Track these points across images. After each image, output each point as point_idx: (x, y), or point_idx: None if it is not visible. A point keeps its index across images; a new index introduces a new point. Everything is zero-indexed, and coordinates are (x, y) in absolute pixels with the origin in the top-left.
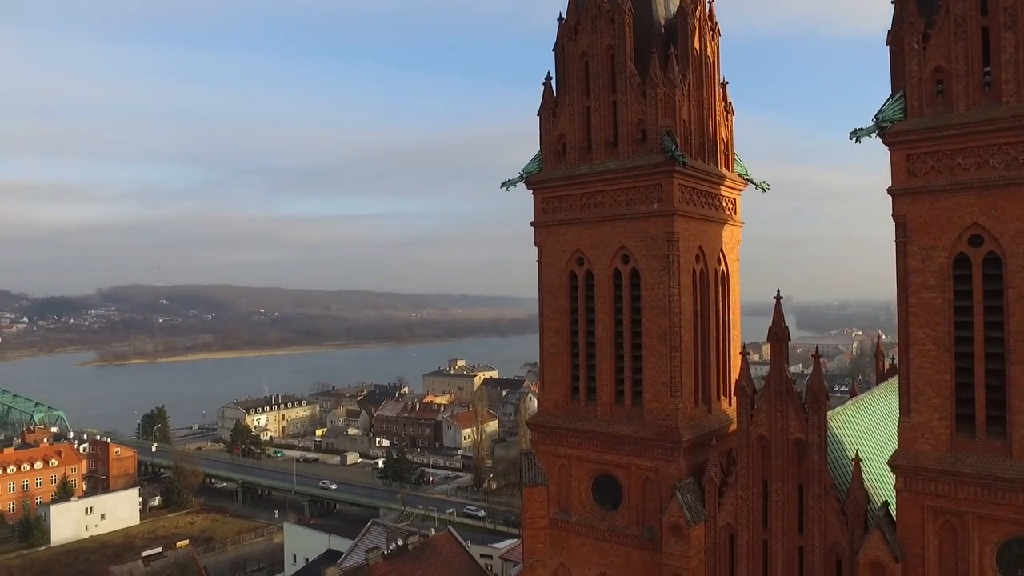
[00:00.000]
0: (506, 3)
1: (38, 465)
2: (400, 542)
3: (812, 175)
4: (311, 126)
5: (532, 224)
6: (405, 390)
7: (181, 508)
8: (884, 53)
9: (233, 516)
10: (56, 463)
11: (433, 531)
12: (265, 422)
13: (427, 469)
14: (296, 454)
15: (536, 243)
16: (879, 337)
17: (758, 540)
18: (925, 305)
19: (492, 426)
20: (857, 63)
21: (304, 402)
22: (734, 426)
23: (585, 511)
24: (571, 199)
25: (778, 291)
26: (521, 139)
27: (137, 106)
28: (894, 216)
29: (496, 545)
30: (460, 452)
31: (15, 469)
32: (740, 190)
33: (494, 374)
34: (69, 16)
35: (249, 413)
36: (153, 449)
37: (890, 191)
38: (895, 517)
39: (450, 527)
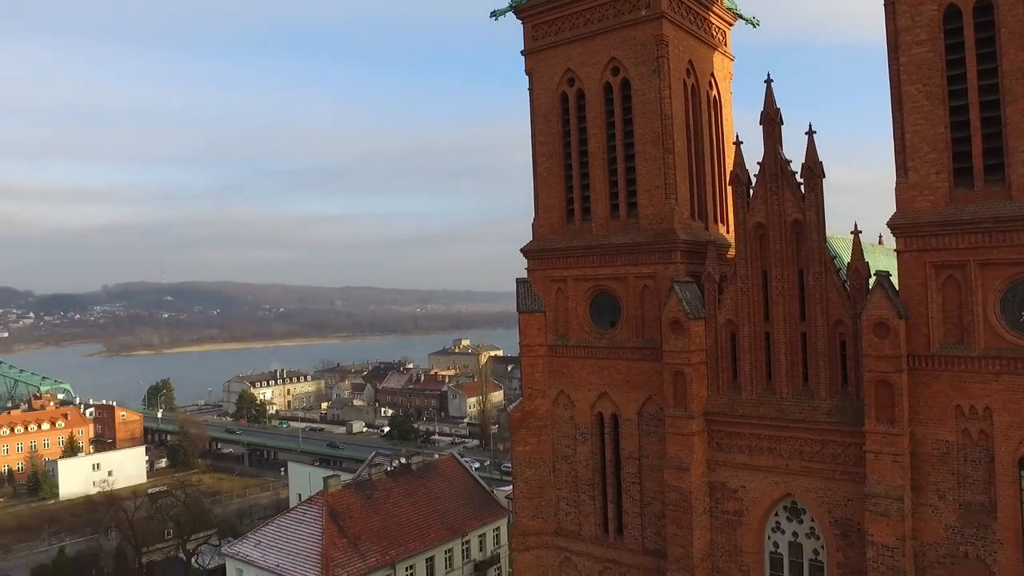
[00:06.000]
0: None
1: (45, 426)
2: (404, 460)
3: None
4: (324, 129)
5: (522, 52)
6: (410, 365)
7: (188, 468)
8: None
9: (240, 475)
10: (63, 424)
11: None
12: (271, 396)
13: (433, 436)
14: (301, 425)
15: (527, 71)
16: None
17: (760, 333)
18: (916, 61)
19: (497, 396)
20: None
21: (309, 377)
22: (732, 252)
23: (584, 332)
24: (560, 21)
25: (769, 74)
26: (522, 140)
27: (161, 111)
28: None
29: (502, 488)
30: (466, 420)
31: (23, 429)
32: (730, 23)
33: (499, 352)
34: (106, 25)
35: (255, 387)
36: (159, 415)
37: None
38: (896, 285)
39: (454, 453)
